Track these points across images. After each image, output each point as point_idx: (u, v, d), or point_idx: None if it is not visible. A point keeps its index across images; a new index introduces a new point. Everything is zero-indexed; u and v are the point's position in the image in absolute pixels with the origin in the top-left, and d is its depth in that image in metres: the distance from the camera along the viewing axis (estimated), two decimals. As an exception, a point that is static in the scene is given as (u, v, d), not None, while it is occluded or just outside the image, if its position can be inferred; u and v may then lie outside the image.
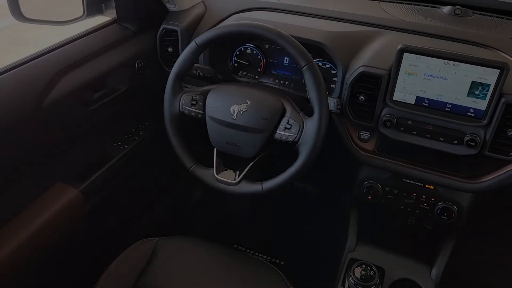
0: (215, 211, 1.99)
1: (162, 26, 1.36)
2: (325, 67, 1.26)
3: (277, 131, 1.04)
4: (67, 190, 1.18)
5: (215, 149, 1.12)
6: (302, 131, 1.02)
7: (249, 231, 1.93)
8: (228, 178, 1.09)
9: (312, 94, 1.00)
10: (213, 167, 1.12)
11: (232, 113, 1.06)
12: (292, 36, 1.03)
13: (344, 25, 1.27)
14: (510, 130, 0.98)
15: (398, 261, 1.24)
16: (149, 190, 1.69)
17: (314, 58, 1.24)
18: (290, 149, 1.06)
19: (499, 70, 0.93)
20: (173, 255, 1.14)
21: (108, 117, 1.32)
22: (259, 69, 1.36)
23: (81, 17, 1.30)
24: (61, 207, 1.14)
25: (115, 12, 1.32)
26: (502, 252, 1.71)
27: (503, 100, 0.96)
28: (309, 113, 1.04)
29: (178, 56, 1.14)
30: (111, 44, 1.27)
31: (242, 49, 1.36)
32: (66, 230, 1.18)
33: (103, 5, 1.36)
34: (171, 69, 1.13)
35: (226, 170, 1.12)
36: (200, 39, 1.08)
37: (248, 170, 1.09)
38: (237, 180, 1.08)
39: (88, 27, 1.27)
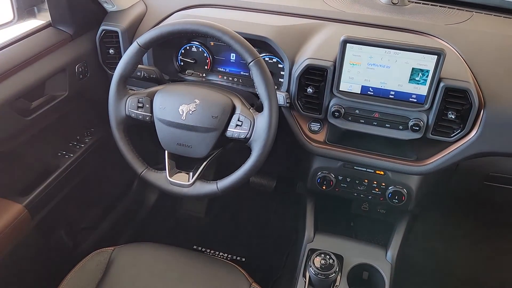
0: (172, 215, 1.96)
1: (101, 28, 1.30)
2: (272, 61, 1.26)
3: (228, 129, 1.03)
4: (10, 206, 1.11)
5: (166, 151, 1.10)
6: (254, 127, 1.01)
7: (208, 231, 1.91)
8: (181, 180, 1.07)
9: (260, 89, 0.99)
10: (165, 170, 1.09)
11: (181, 113, 1.04)
12: (237, 32, 1.02)
13: (288, 18, 1.27)
14: (450, 112, 1.03)
15: (355, 247, 1.27)
16: (100, 199, 1.63)
17: (260, 53, 1.25)
18: (243, 146, 1.06)
19: (436, 56, 0.97)
20: (130, 264, 1.10)
21: (50, 126, 1.26)
22: (206, 67, 1.34)
23: (11, 21, 1.23)
24: (5, 225, 1.07)
25: (49, 15, 1.26)
26: (451, 228, 1.81)
27: (442, 84, 1.00)
28: (259, 109, 1.04)
29: (120, 58, 1.10)
30: (47, 49, 1.20)
31: (187, 48, 1.33)
32: (12, 248, 1.11)
33: (35, 8, 1.28)
34: (114, 72, 1.09)
35: (179, 172, 1.10)
36: (142, 39, 1.04)
37: (201, 170, 1.07)
38: (191, 181, 1.06)
39: (21, 32, 1.20)
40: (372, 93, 1.07)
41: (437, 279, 1.70)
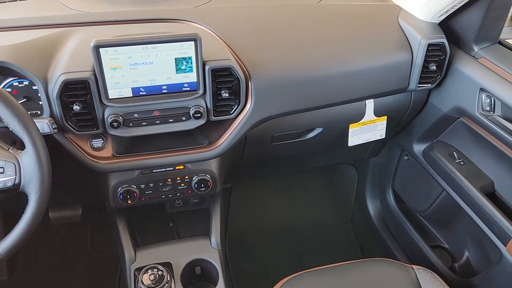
0: None
1: None
2: (23, 85, 1.07)
3: None
4: None
5: None
6: (20, 169, 0.85)
7: None
8: None
9: (12, 124, 0.83)
10: None
11: None
12: None
13: (27, 33, 1.10)
14: (223, 92, 1.05)
15: (180, 248, 1.24)
16: None
17: (5, 79, 1.05)
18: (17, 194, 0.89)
19: (193, 42, 0.97)
20: None
21: None
22: None
23: None
24: None
25: None
26: (263, 191, 1.95)
27: (207, 67, 1.01)
28: (23, 145, 0.88)
29: None
30: None
31: None
32: None
33: None
34: None
35: None
36: None
37: None
38: (-39, 258, 0.84)
39: None
40: (145, 93, 1.02)
41: (265, 239, 1.83)
